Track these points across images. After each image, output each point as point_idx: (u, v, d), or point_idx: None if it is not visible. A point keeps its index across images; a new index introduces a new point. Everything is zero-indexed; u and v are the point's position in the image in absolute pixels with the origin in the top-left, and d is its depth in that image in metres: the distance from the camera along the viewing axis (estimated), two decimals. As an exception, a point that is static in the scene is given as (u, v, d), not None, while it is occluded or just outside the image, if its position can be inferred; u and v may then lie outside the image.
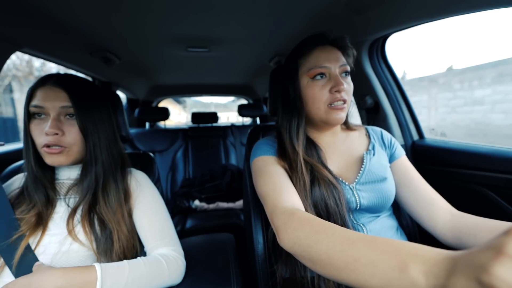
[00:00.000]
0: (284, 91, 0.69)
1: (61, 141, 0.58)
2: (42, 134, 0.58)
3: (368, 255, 0.35)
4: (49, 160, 0.59)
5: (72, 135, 0.59)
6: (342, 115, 0.63)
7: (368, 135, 0.74)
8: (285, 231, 0.47)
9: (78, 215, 0.61)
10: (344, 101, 0.62)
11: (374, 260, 0.34)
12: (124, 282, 0.52)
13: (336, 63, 0.63)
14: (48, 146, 0.58)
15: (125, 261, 0.56)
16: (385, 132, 0.75)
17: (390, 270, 0.32)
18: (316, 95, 0.63)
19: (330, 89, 0.62)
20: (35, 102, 0.58)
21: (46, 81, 0.60)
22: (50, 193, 0.62)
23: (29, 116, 0.59)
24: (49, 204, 0.61)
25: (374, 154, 0.68)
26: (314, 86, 0.63)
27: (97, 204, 0.62)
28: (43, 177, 0.62)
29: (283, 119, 0.68)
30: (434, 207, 0.62)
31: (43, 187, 0.61)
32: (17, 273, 0.54)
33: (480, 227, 0.53)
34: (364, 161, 0.66)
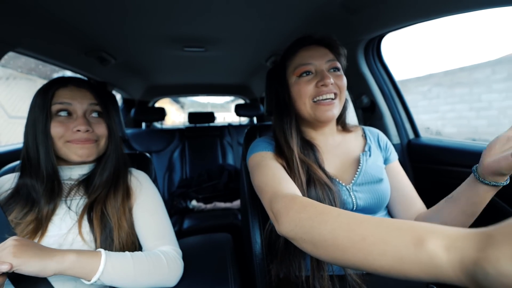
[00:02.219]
0: (275, 93, 0.72)
1: (92, 135, 0.63)
2: (68, 130, 0.60)
3: (377, 233, 0.33)
4: (80, 151, 0.62)
5: (101, 130, 0.64)
6: (333, 112, 0.63)
7: (365, 136, 0.74)
8: (286, 214, 0.45)
9: (84, 216, 0.61)
10: (335, 95, 0.63)
11: (385, 237, 0.32)
12: (126, 265, 0.54)
13: (322, 59, 0.64)
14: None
15: (126, 252, 0.57)
16: (381, 135, 0.76)
17: (403, 246, 0.30)
18: (302, 90, 0.64)
19: (316, 83, 0.62)
20: (61, 100, 0.61)
21: (68, 82, 0.63)
22: (55, 196, 0.61)
23: (49, 115, 0.60)
24: (51, 206, 0.61)
25: (370, 155, 0.69)
26: (300, 82, 0.64)
27: (103, 204, 0.63)
28: (55, 178, 0.62)
29: (276, 119, 0.70)
30: (412, 207, 0.68)
31: (50, 189, 0.61)
32: (15, 277, 0.52)
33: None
34: (361, 162, 0.67)
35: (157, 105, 2.72)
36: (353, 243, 0.34)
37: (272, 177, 0.57)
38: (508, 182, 0.50)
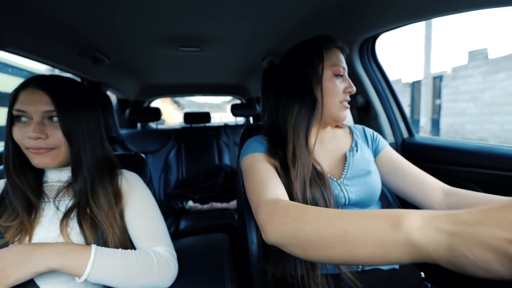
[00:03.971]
0: (299, 79, 0.64)
1: (45, 144, 0.57)
2: (25, 137, 0.56)
3: (358, 223, 0.34)
4: (36, 161, 0.57)
5: (57, 137, 0.58)
6: (347, 113, 0.68)
7: (352, 133, 0.77)
8: (270, 222, 0.45)
9: (71, 218, 0.60)
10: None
11: (365, 226, 0.33)
12: (114, 266, 0.53)
13: (344, 64, 0.67)
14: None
15: (118, 250, 0.57)
16: (367, 128, 0.79)
17: (382, 231, 0.31)
18: (336, 90, 0.65)
19: (344, 88, 0.66)
20: (17, 105, 0.56)
21: (29, 83, 0.57)
22: (32, 198, 0.60)
23: (12, 119, 0.58)
24: (32, 209, 0.59)
25: (357, 151, 0.71)
26: (335, 82, 0.65)
27: (89, 207, 0.61)
28: (25, 182, 0.60)
29: (296, 110, 0.63)
30: (426, 187, 0.64)
31: (23, 192, 0.59)
32: None
33: (474, 206, 0.53)
34: (348, 158, 0.69)
35: (157, 105, 2.70)
36: (337, 238, 0.35)
37: (259, 181, 0.57)
38: None
